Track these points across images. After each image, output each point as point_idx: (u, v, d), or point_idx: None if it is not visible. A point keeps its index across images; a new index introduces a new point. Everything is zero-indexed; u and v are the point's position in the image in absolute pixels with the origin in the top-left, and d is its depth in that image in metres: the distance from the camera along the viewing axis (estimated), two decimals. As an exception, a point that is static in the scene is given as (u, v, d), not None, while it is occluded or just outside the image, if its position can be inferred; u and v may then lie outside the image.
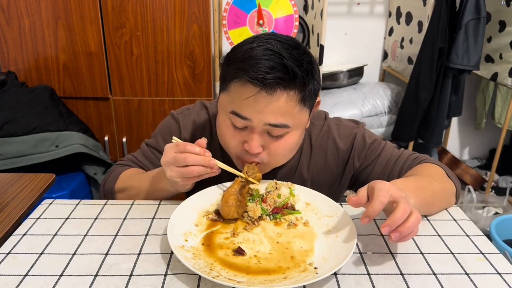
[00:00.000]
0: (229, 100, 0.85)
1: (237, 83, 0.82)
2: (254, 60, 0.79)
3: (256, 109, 0.81)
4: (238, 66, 0.81)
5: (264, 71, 0.78)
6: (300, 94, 0.83)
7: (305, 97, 0.84)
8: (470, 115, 3.00)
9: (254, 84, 0.79)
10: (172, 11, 2.13)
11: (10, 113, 1.99)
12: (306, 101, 0.85)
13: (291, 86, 0.81)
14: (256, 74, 0.78)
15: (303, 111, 0.86)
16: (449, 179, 0.94)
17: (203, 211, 0.86)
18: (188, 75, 2.24)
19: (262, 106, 0.81)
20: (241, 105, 0.82)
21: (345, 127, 1.05)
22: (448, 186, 0.93)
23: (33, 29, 2.14)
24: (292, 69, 0.79)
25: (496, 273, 0.73)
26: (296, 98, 0.82)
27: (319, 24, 2.18)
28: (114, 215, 0.88)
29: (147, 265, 0.72)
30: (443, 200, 0.92)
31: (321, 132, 1.04)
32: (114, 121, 2.33)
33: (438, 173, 0.94)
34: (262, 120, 0.82)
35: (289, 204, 0.89)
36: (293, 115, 0.84)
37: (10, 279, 0.68)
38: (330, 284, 0.69)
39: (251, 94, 0.80)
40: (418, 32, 2.41)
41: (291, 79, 0.79)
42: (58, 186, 1.97)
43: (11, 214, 0.96)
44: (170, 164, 0.82)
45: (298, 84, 0.81)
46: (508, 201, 2.51)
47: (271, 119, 0.82)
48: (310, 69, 0.84)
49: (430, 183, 0.88)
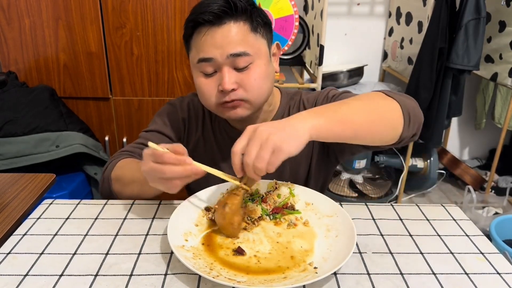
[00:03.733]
0: (193, 54, 0.94)
1: (194, 33, 0.92)
2: (200, 5, 0.91)
3: (214, 45, 0.89)
4: (189, 18, 0.92)
5: (210, 8, 0.88)
6: (249, 23, 0.91)
7: (255, 27, 0.92)
8: (470, 115, 3.00)
9: (204, 21, 0.88)
10: (172, 11, 2.13)
11: (10, 113, 1.99)
12: (257, 30, 0.92)
13: (237, 16, 0.89)
14: (203, 14, 0.88)
15: (259, 40, 0.93)
16: (388, 97, 0.85)
17: (203, 211, 0.86)
18: (188, 75, 2.24)
19: (218, 40, 0.89)
20: (202, 48, 0.90)
21: (314, 93, 1.09)
22: (383, 103, 0.84)
23: (34, 29, 2.14)
24: (233, 1, 0.88)
25: (496, 273, 0.73)
26: (246, 27, 0.90)
27: (319, 24, 2.18)
28: (114, 215, 0.88)
29: (147, 265, 0.72)
30: (370, 115, 0.81)
31: (295, 104, 1.08)
32: (115, 121, 2.33)
33: (371, 94, 0.87)
34: (223, 53, 0.89)
35: (289, 204, 0.89)
36: (250, 44, 0.91)
37: (10, 279, 0.68)
38: (330, 284, 0.69)
39: (205, 32, 0.89)
40: (418, 32, 2.41)
41: (234, 9, 0.88)
42: (59, 186, 1.97)
43: (11, 214, 0.96)
44: (149, 174, 0.78)
45: (243, 14, 0.90)
46: (508, 201, 2.51)
47: (230, 49, 0.89)
48: (251, 3, 0.93)
49: (346, 102, 0.82)
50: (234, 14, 0.89)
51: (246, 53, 0.90)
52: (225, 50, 0.89)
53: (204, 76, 0.93)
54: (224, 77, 0.90)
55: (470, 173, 2.82)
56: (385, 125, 0.83)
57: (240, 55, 0.89)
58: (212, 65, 0.91)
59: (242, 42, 0.89)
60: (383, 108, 0.83)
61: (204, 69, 0.92)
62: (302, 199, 0.91)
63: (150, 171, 0.77)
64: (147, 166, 0.77)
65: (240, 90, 0.92)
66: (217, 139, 1.09)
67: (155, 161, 0.76)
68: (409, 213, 0.92)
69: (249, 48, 0.90)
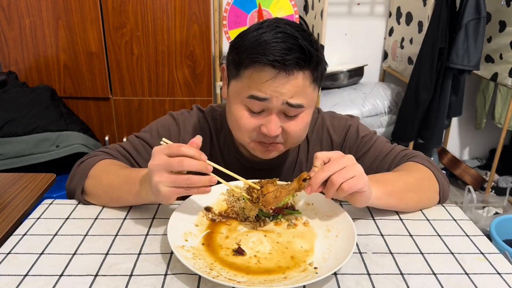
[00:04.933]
0: (244, 86, 0.86)
1: (254, 68, 0.83)
2: (269, 43, 0.81)
3: (275, 90, 0.83)
4: (254, 51, 0.82)
5: (283, 52, 0.80)
6: (313, 73, 0.85)
7: (317, 77, 0.87)
8: (470, 115, 3.00)
9: (275, 66, 0.80)
10: (172, 11, 2.13)
11: (10, 113, 1.99)
12: (317, 80, 0.88)
13: (307, 66, 0.83)
14: (275, 57, 0.80)
15: (315, 90, 0.89)
16: (433, 177, 0.93)
17: (203, 211, 0.86)
18: (188, 75, 2.25)
19: (281, 86, 0.82)
20: (259, 88, 0.83)
21: (339, 119, 1.07)
22: (429, 183, 0.92)
23: (34, 29, 2.14)
24: (308, 49, 0.81)
25: (496, 273, 0.73)
26: (310, 77, 0.85)
27: (319, 24, 2.18)
28: (114, 215, 0.88)
29: (147, 265, 0.72)
30: (418, 195, 0.91)
31: (315, 125, 1.06)
32: (115, 121, 2.34)
33: (420, 170, 0.93)
34: (280, 99, 0.83)
35: (289, 204, 0.89)
36: (307, 95, 0.86)
37: (10, 279, 0.68)
38: (330, 284, 0.69)
39: (271, 77, 0.81)
40: (418, 32, 2.41)
41: (308, 59, 0.82)
42: (59, 186, 1.96)
43: (11, 214, 0.96)
44: (160, 169, 0.72)
45: (312, 63, 0.84)
46: (508, 201, 2.51)
47: (289, 98, 0.84)
48: (320, 48, 0.87)
49: (402, 177, 0.89)
50: (305, 64, 0.83)
51: (301, 105, 0.85)
52: (283, 97, 0.83)
53: (249, 112, 0.87)
54: (272, 123, 0.85)
55: (470, 173, 2.82)
56: (421, 203, 0.94)
57: (295, 106, 0.85)
58: (263, 105, 0.85)
59: (301, 93, 0.84)
60: (428, 188, 0.93)
61: (252, 106, 0.86)
62: (302, 199, 0.91)
63: (163, 164, 0.72)
64: (160, 159, 0.72)
65: (281, 135, 0.89)
66: (226, 161, 1.04)
67: (170, 154, 0.72)
68: (409, 213, 0.92)
69: (305, 101, 0.86)
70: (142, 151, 1.00)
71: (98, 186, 0.90)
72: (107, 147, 1.00)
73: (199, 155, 0.73)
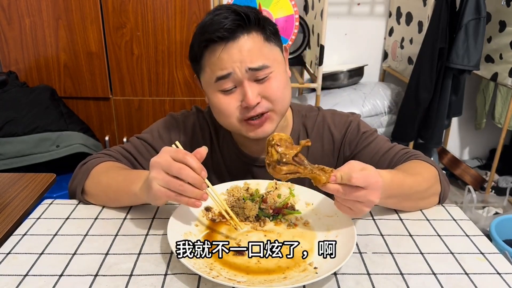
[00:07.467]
0: (208, 74, 0.90)
1: (207, 52, 0.88)
2: (207, 24, 0.87)
3: (232, 61, 0.86)
4: (201, 38, 0.87)
5: (220, 22, 0.85)
6: (261, 34, 0.89)
7: (268, 36, 0.90)
8: (470, 115, 3.00)
9: (219, 37, 0.85)
10: (172, 11, 2.13)
11: (10, 113, 1.99)
12: (270, 39, 0.91)
13: (250, 28, 0.87)
14: (216, 30, 0.85)
15: (273, 49, 0.92)
16: (438, 179, 0.93)
17: (203, 211, 0.86)
18: (188, 75, 2.24)
19: (235, 55, 0.86)
20: (219, 66, 0.87)
21: (340, 115, 1.07)
22: (434, 187, 0.92)
23: (34, 29, 2.14)
24: (243, 11, 0.86)
25: (496, 273, 0.73)
26: (259, 38, 0.88)
27: (319, 24, 2.18)
28: (114, 215, 0.88)
29: (147, 265, 0.72)
30: (421, 198, 0.91)
31: (316, 121, 1.06)
32: (115, 121, 2.34)
33: (426, 171, 0.92)
34: (242, 67, 0.86)
35: (289, 204, 0.89)
36: (266, 54, 0.89)
37: (10, 279, 0.68)
38: (330, 284, 0.69)
39: (221, 48, 0.86)
40: (418, 32, 2.41)
41: (247, 21, 0.86)
42: (59, 186, 1.96)
43: (11, 214, 0.96)
44: (160, 167, 0.73)
45: (255, 25, 0.88)
46: (508, 201, 2.51)
47: (248, 63, 0.86)
48: (260, 13, 0.91)
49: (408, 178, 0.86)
50: (247, 26, 0.86)
51: (265, 66, 0.87)
52: (243, 64, 0.86)
53: (223, 93, 0.89)
54: (247, 92, 0.87)
55: (470, 173, 2.82)
56: (422, 206, 0.94)
57: (259, 68, 0.87)
58: (231, 80, 0.88)
59: (259, 54, 0.87)
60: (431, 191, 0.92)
61: (222, 87, 0.88)
62: (302, 199, 0.91)
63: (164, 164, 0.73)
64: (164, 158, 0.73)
65: (264, 102, 0.90)
66: (226, 160, 1.06)
67: (175, 158, 0.73)
68: (409, 213, 0.92)
69: (267, 60, 0.88)
70: (143, 152, 1.02)
71: (97, 186, 0.91)
72: (109, 149, 1.01)
73: (199, 170, 0.73)
